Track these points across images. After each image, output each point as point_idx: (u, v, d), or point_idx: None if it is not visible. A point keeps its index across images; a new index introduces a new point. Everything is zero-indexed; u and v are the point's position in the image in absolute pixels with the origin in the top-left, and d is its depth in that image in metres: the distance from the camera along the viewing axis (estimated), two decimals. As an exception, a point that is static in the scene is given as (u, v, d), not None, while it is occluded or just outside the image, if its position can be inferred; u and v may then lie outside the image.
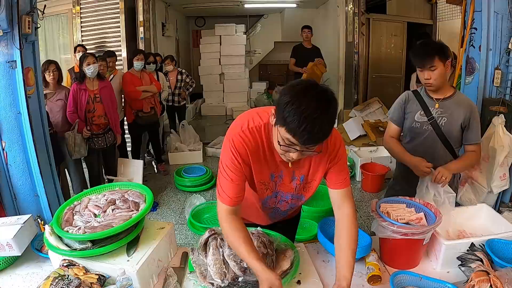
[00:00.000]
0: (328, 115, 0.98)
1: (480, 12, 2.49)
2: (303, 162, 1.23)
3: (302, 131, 0.96)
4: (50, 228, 1.32)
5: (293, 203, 1.37)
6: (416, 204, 1.48)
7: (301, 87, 0.99)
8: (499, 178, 2.46)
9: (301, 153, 1.06)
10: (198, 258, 1.29)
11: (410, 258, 1.39)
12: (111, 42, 5.14)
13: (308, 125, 0.95)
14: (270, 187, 1.28)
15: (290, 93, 0.99)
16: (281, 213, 1.44)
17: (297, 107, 0.95)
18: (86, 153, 3.29)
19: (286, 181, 1.27)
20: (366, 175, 3.97)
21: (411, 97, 1.90)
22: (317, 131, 0.97)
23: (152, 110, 4.25)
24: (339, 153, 1.24)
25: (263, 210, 1.42)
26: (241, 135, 1.17)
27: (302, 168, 1.25)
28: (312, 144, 1.01)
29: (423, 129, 1.84)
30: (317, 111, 0.95)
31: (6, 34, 2.03)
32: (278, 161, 1.21)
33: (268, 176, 1.26)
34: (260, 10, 8.41)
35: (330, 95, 1.00)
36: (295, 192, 1.31)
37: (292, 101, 0.97)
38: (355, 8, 5.65)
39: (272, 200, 1.34)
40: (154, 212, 3.62)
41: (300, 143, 1.00)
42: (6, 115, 2.14)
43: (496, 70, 2.51)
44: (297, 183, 1.28)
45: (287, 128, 0.99)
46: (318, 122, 0.95)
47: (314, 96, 0.97)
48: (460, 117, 1.79)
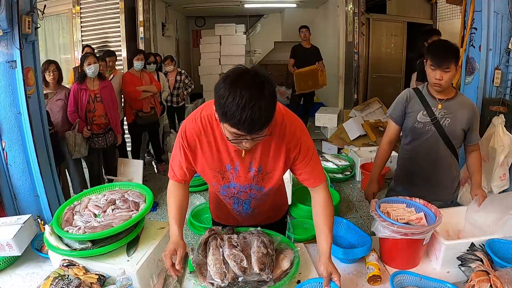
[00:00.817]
0: (264, 98, 0.97)
1: (480, 12, 2.49)
2: (258, 152, 1.22)
3: (244, 122, 0.96)
4: (50, 228, 1.32)
5: (253, 193, 1.33)
6: (416, 204, 1.48)
7: (232, 79, 0.98)
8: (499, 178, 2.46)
9: (253, 140, 1.06)
10: (198, 258, 1.29)
11: (410, 258, 1.39)
12: (111, 42, 5.15)
13: (247, 114, 0.95)
14: (226, 176, 1.28)
15: (223, 87, 0.98)
16: (243, 204, 1.39)
17: (232, 100, 0.95)
18: (86, 152, 3.29)
19: (242, 172, 1.25)
20: (366, 175, 3.97)
21: (412, 95, 1.87)
22: (259, 117, 0.96)
23: (152, 110, 4.25)
24: (301, 143, 1.22)
25: (228, 200, 1.41)
26: (192, 123, 1.20)
27: (258, 159, 1.23)
28: (259, 130, 1.01)
29: (425, 130, 1.82)
30: (252, 99, 0.95)
31: (6, 34, 2.03)
32: (232, 151, 1.21)
33: (224, 166, 1.25)
34: (260, 10, 8.40)
35: (262, 77, 0.99)
36: (253, 182, 1.28)
37: (227, 95, 0.96)
38: (355, 8, 5.65)
39: (230, 190, 1.33)
40: (154, 212, 3.62)
41: (247, 133, 1.00)
42: (6, 115, 2.15)
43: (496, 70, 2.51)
44: (255, 174, 1.25)
45: (230, 123, 0.99)
46: (257, 108, 0.95)
47: (245, 85, 0.96)
48: (464, 118, 1.79)
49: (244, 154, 1.21)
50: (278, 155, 1.23)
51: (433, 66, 1.72)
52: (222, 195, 1.39)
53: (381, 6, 6.09)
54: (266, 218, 1.55)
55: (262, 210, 1.46)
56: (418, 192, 1.89)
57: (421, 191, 1.90)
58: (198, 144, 1.21)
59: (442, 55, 1.70)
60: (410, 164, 1.94)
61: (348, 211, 3.59)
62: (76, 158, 3.36)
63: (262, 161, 1.23)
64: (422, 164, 1.89)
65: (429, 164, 1.87)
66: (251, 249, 1.28)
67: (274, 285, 1.20)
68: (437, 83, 1.73)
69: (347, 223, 1.59)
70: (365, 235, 1.50)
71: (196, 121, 1.20)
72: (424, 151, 1.86)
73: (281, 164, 1.24)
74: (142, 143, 4.64)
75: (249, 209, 1.41)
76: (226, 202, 1.43)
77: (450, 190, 1.94)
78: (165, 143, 5.23)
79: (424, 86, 1.87)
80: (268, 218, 1.56)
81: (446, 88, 1.78)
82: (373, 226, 1.42)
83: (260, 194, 1.35)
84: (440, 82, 1.72)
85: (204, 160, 1.24)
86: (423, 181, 1.91)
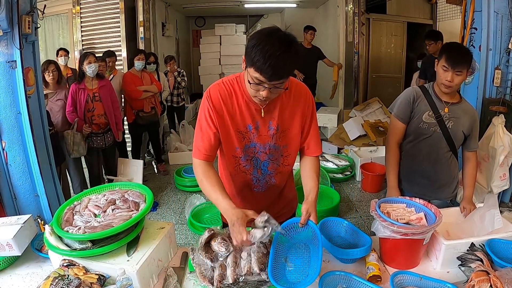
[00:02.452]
0: (290, 53, 1.10)
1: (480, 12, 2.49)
2: (276, 112, 1.33)
3: (267, 68, 1.09)
4: (50, 228, 1.32)
5: (272, 154, 1.40)
6: (416, 204, 1.48)
7: (266, 31, 1.13)
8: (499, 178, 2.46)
9: (270, 91, 1.17)
10: (198, 258, 1.29)
11: (410, 258, 1.39)
12: (111, 42, 5.14)
13: (272, 62, 1.08)
14: (247, 137, 1.35)
15: (256, 37, 1.12)
16: (262, 167, 1.43)
17: (262, 47, 1.09)
18: (85, 152, 3.29)
19: (262, 131, 1.35)
20: (366, 175, 3.98)
21: (419, 94, 1.85)
22: (281, 67, 1.10)
23: (153, 110, 4.25)
24: (313, 106, 1.40)
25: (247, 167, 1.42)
26: (217, 86, 1.31)
27: (276, 118, 1.34)
28: (277, 79, 1.14)
29: (430, 130, 1.82)
30: (279, 50, 1.08)
31: (6, 34, 2.03)
32: (253, 110, 1.31)
33: (245, 126, 1.33)
34: (260, 10, 8.41)
35: (292, 38, 1.13)
36: (272, 141, 1.37)
37: (257, 43, 1.10)
38: (355, 8, 5.65)
39: (251, 150, 1.38)
40: (154, 212, 3.62)
41: (267, 79, 1.13)
42: (6, 115, 2.15)
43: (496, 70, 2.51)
44: (274, 132, 1.35)
45: (255, 67, 1.12)
46: (281, 59, 1.09)
47: (277, 38, 1.10)
48: (465, 124, 1.81)
49: (263, 114, 1.31)
50: (294, 115, 1.36)
51: (446, 67, 1.71)
52: (243, 162, 1.41)
53: (381, 6, 6.09)
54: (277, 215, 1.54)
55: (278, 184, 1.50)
56: (418, 190, 1.90)
57: (421, 189, 1.91)
58: (222, 104, 1.29)
59: (458, 58, 1.70)
60: (410, 162, 1.94)
61: (348, 211, 3.59)
62: (76, 158, 3.36)
63: (280, 120, 1.34)
64: (423, 162, 1.90)
65: (430, 163, 1.88)
66: (251, 249, 1.28)
67: (274, 285, 1.20)
68: (447, 84, 1.73)
69: (347, 224, 1.59)
70: (365, 235, 1.50)
71: (219, 85, 1.31)
72: (426, 149, 1.86)
73: (296, 123, 1.37)
74: (142, 143, 4.64)
75: (268, 172, 1.45)
76: (246, 172, 1.44)
77: (449, 189, 1.95)
78: (165, 143, 5.23)
79: (430, 86, 1.87)
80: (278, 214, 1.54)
81: (454, 91, 1.79)
82: (373, 226, 1.42)
83: (277, 154, 1.41)
84: (451, 84, 1.72)
85: (228, 120, 1.31)
86: (424, 180, 1.92)
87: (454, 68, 1.69)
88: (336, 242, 1.52)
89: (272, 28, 1.14)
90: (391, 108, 1.95)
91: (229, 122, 1.31)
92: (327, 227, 1.59)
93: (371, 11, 5.98)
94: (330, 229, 1.59)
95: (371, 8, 5.97)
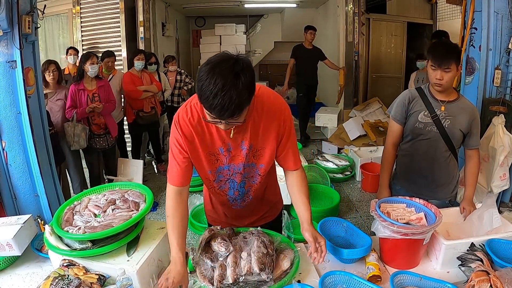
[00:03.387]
0: (236, 88, 1.01)
1: (480, 12, 2.49)
2: (248, 132, 1.27)
3: (214, 108, 1.03)
4: (50, 228, 1.32)
5: (247, 172, 1.37)
6: (416, 204, 1.48)
7: (212, 65, 1.04)
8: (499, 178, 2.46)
9: (228, 124, 1.12)
10: (198, 258, 1.29)
11: (410, 258, 1.39)
12: (111, 42, 5.14)
13: (218, 101, 1.01)
14: (220, 159, 1.32)
15: (204, 70, 1.04)
16: (239, 188, 1.42)
17: (208, 85, 1.02)
18: (85, 144, 3.25)
19: (235, 152, 1.31)
20: (366, 175, 3.98)
21: (414, 95, 1.87)
22: (229, 105, 1.02)
23: (153, 110, 4.25)
24: (289, 121, 1.32)
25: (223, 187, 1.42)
26: (185, 111, 1.26)
27: (248, 138, 1.28)
28: (229, 116, 1.06)
29: (426, 130, 1.82)
30: (223, 88, 1.00)
31: (6, 34, 2.03)
32: (223, 132, 1.26)
33: (216, 149, 1.30)
34: (260, 10, 8.40)
35: (240, 66, 1.04)
36: (246, 161, 1.33)
37: (204, 79, 1.03)
38: (355, 8, 5.65)
39: (225, 172, 1.36)
40: (154, 212, 3.62)
41: (218, 118, 1.07)
42: (6, 115, 2.14)
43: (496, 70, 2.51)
44: (246, 152, 1.31)
45: (205, 106, 1.07)
46: (227, 97, 1.01)
47: (222, 73, 1.02)
48: (464, 122, 1.80)
49: (232, 135, 1.25)
50: (268, 133, 1.29)
51: (434, 66, 1.73)
52: (217, 184, 1.40)
53: (381, 6, 6.09)
54: (262, 218, 1.57)
55: (257, 196, 1.48)
56: (416, 190, 1.90)
57: (419, 189, 1.91)
58: (191, 129, 1.26)
59: (442, 55, 1.71)
60: (408, 162, 1.95)
61: (348, 211, 3.59)
62: (76, 158, 3.36)
63: (252, 139, 1.29)
64: (420, 162, 1.90)
65: (428, 162, 1.88)
66: (251, 249, 1.28)
67: (274, 285, 1.20)
68: (437, 83, 1.74)
69: (347, 224, 1.59)
70: (365, 235, 1.50)
71: (187, 109, 1.26)
72: (423, 149, 1.86)
73: (271, 141, 1.31)
74: (142, 143, 4.64)
75: (245, 191, 1.43)
76: (221, 193, 1.43)
77: (448, 189, 1.94)
78: (165, 143, 5.22)
79: (426, 87, 1.87)
80: (263, 217, 1.57)
81: (447, 89, 1.78)
82: (373, 226, 1.43)
83: (253, 172, 1.38)
84: (441, 82, 1.72)
85: (198, 144, 1.28)
86: (421, 179, 1.92)
87: (441, 66, 1.70)
88: (336, 242, 1.52)
89: (219, 58, 1.05)
90: (389, 111, 1.98)
91: (199, 146, 1.28)
92: (327, 227, 1.59)
93: (371, 11, 5.98)
94: (330, 229, 1.59)
95: (371, 8, 5.97)
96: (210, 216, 1.64)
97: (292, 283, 1.23)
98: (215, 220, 1.60)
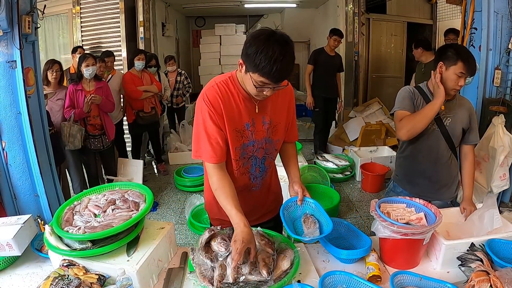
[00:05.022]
0: (290, 54, 1.18)
1: (480, 12, 2.49)
2: (268, 107, 1.40)
3: (274, 73, 1.15)
4: (50, 228, 1.32)
5: (267, 148, 1.46)
6: (416, 204, 1.48)
7: (263, 36, 1.16)
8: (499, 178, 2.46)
9: (274, 89, 1.24)
10: (198, 258, 1.29)
11: (410, 258, 1.39)
12: (111, 42, 5.14)
13: (277, 66, 1.14)
14: (245, 135, 1.38)
15: (255, 43, 1.16)
16: (260, 164, 1.48)
17: (265, 53, 1.13)
18: (80, 145, 3.23)
19: (258, 127, 1.40)
20: (366, 175, 3.98)
21: (416, 93, 1.85)
22: (286, 70, 1.17)
23: (153, 110, 4.25)
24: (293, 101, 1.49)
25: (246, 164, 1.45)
26: (213, 88, 1.32)
27: (268, 112, 1.41)
28: (282, 80, 1.22)
29: (428, 129, 1.81)
30: (281, 54, 1.14)
31: (6, 34, 2.03)
32: (250, 107, 1.36)
33: (243, 125, 1.37)
34: (260, 10, 8.40)
35: (287, 37, 1.19)
36: (267, 135, 1.43)
37: (260, 50, 1.14)
38: (355, 8, 5.65)
39: (249, 149, 1.42)
40: (154, 212, 3.62)
41: (273, 82, 1.19)
42: (6, 115, 2.14)
43: (496, 70, 2.51)
44: (268, 127, 1.42)
45: (261, 73, 1.17)
46: (285, 62, 1.15)
47: (276, 42, 1.15)
48: (463, 118, 1.81)
49: (258, 110, 1.36)
50: (283, 108, 1.44)
51: (464, 72, 1.68)
52: (241, 162, 1.43)
53: (381, 6, 6.09)
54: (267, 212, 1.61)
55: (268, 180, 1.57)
56: (419, 192, 1.90)
57: (423, 191, 1.90)
58: (221, 105, 1.31)
59: (474, 65, 1.70)
60: (411, 164, 1.94)
61: (348, 211, 3.59)
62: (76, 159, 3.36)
63: (272, 114, 1.41)
64: (422, 162, 1.89)
65: (430, 162, 1.88)
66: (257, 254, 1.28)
67: (274, 285, 1.20)
68: (459, 89, 1.74)
69: (347, 225, 1.59)
70: (365, 235, 1.50)
71: (214, 87, 1.32)
72: (425, 149, 1.86)
73: (284, 116, 1.45)
74: (142, 143, 4.64)
75: (265, 168, 1.51)
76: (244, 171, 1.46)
77: (451, 190, 1.94)
78: (165, 143, 5.23)
79: (425, 85, 1.87)
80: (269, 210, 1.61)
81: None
82: (373, 226, 1.43)
83: (271, 147, 1.48)
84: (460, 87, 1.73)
85: (227, 120, 1.33)
86: (425, 180, 1.91)
87: (472, 74, 1.71)
88: (336, 242, 1.52)
89: (267, 31, 1.18)
90: (394, 108, 1.88)
91: (228, 122, 1.33)
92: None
93: (371, 11, 5.98)
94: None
95: (371, 8, 5.97)
96: (216, 220, 1.57)
97: (292, 283, 1.23)
98: (221, 221, 1.51)
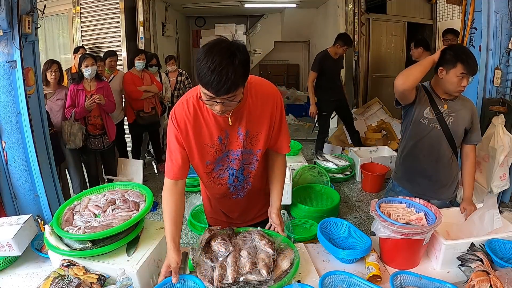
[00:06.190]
0: (233, 65, 1.08)
1: (480, 12, 2.49)
2: (244, 119, 1.32)
3: (211, 83, 1.07)
4: (50, 228, 1.32)
5: (245, 159, 1.41)
6: (416, 204, 1.49)
7: (209, 45, 1.11)
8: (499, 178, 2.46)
9: (223, 105, 1.15)
10: (198, 258, 1.29)
11: (410, 258, 1.39)
12: (111, 42, 5.14)
13: (215, 77, 1.06)
14: (219, 149, 1.36)
15: (201, 51, 1.11)
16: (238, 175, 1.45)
17: (205, 63, 1.07)
18: (81, 143, 3.23)
19: (233, 139, 1.35)
20: (366, 175, 3.97)
21: (419, 88, 1.85)
22: (225, 81, 1.07)
23: (153, 110, 4.25)
24: (282, 110, 1.38)
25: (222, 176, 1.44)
26: (182, 105, 1.31)
27: (244, 124, 1.33)
28: (225, 93, 1.10)
29: (429, 126, 1.82)
30: (221, 63, 1.06)
31: (6, 34, 2.03)
32: (221, 121, 1.30)
33: (215, 140, 1.34)
34: (260, 10, 8.39)
35: (234, 48, 1.11)
36: (243, 147, 1.37)
37: (202, 58, 1.09)
38: (355, 8, 5.65)
39: (224, 160, 1.39)
40: (154, 212, 3.62)
41: (215, 94, 1.11)
42: (6, 115, 2.14)
43: (496, 70, 2.51)
44: (243, 138, 1.35)
45: (201, 83, 1.11)
46: (224, 73, 1.06)
47: (218, 51, 1.08)
48: (466, 117, 1.81)
49: (231, 123, 1.29)
50: (263, 118, 1.34)
51: (465, 73, 1.68)
52: (216, 173, 1.42)
53: (381, 6, 6.08)
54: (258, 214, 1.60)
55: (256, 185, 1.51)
56: (419, 191, 1.90)
57: (422, 190, 1.91)
58: (187, 124, 1.29)
59: (475, 64, 1.70)
60: (412, 163, 1.94)
61: (348, 211, 3.59)
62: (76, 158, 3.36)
63: (248, 125, 1.33)
64: (423, 161, 1.89)
65: (432, 162, 1.88)
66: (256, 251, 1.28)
67: (274, 285, 1.20)
68: (462, 89, 1.74)
69: (347, 225, 1.59)
70: (365, 235, 1.50)
71: (184, 104, 1.30)
72: (426, 148, 1.86)
73: (266, 125, 1.35)
74: (142, 143, 4.64)
75: (244, 178, 1.46)
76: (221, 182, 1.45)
77: (451, 189, 1.95)
78: (165, 143, 5.20)
79: (428, 84, 1.87)
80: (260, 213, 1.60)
81: None
82: (373, 226, 1.43)
83: (251, 158, 1.41)
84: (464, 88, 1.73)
85: (195, 138, 1.31)
86: (425, 179, 1.91)
87: (473, 74, 1.71)
88: (336, 242, 1.52)
89: (216, 40, 1.13)
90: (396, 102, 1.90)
91: (196, 140, 1.32)
92: (327, 227, 1.59)
93: (371, 11, 5.97)
94: (330, 229, 1.59)
95: (371, 8, 5.97)
96: (211, 218, 1.65)
97: (292, 283, 1.23)
98: (216, 220, 1.61)
